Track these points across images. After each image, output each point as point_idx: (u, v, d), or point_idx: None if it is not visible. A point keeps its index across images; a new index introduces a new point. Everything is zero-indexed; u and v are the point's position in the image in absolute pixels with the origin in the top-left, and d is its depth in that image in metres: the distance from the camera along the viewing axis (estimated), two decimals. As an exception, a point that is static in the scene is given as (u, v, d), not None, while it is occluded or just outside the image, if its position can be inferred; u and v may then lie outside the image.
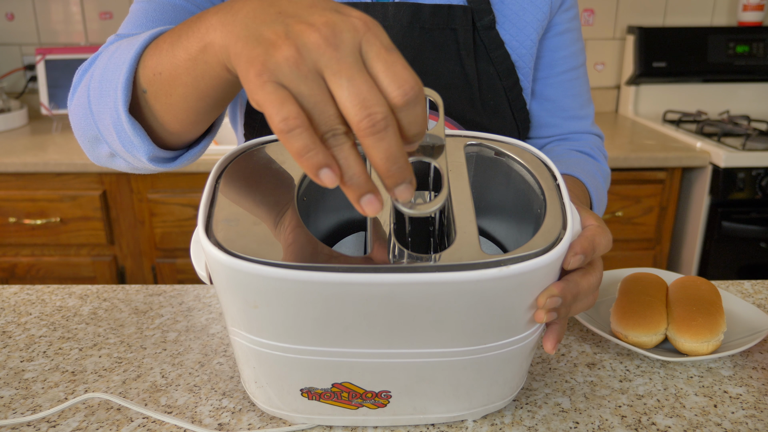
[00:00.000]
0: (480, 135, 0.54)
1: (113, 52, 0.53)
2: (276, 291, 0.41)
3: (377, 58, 0.35)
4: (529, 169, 0.50)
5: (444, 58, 0.74)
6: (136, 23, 0.64)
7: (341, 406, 0.51)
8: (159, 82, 0.48)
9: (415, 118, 0.35)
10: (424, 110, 0.35)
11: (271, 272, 0.39)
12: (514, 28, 0.76)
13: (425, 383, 0.49)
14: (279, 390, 0.51)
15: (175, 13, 0.65)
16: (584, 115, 0.86)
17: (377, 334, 0.44)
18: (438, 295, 0.41)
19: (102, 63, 0.54)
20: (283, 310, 0.42)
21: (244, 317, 0.45)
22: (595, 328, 0.67)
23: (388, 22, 0.72)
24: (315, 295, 0.41)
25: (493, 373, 0.50)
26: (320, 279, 0.39)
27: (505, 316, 0.45)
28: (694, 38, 2.07)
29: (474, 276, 0.40)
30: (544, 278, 0.44)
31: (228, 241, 0.41)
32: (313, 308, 0.42)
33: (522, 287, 0.43)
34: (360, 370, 0.48)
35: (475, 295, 0.42)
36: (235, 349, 0.51)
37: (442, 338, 0.45)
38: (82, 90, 0.56)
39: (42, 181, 1.68)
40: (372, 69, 0.35)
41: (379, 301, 0.41)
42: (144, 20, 0.64)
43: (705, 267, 1.75)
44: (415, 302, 0.41)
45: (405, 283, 0.40)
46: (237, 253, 0.40)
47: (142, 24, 0.64)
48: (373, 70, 0.35)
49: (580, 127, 0.86)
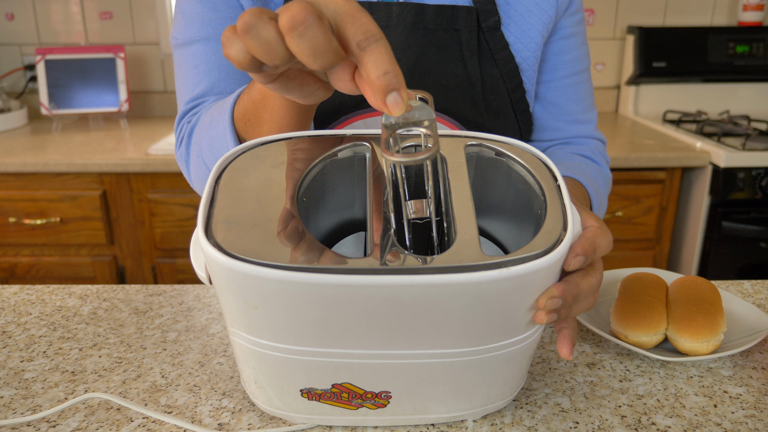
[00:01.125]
0: (480, 135, 0.54)
1: (210, 123, 0.64)
2: (276, 292, 0.41)
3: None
4: (530, 170, 0.50)
5: (447, 59, 0.74)
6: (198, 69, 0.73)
7: (341, 406, 0.51)
8: (251, 128, 0.59)
9: (379, 56, 0.38)
10: (388, 51, 0.38)
11: (271, 274, 0.39)
12: (519, 30, 0.76)
13: (425, 383, 0.49)
14: (279, 390, 0.51)
15: None
16: (587, 120, 0.86)
17: (378, 335, 0.44)
18: (438, 297, 0.41)
19: (205, 135, 0.65)
20: (283, 312, 0.42)
21: (243, 318, 0.45)
22: (595, 328, 0.67)
23: (391, 22, 0.72)
24: (315, 297, 0.40)
25: (493, 374, 0.50)
26: (320, 281, 0.39)
27: (506, 317, 0.45)
28: (694, 38, 2.07)
29: (474, 278, 0.40)
30: (545, 279, 0.44)
31: (227, 242, 0.41)
32: (313, 310, 0.42)
33: (522, 288, 0.43)
34: (360, 371, 0.47)
35: (475, 296, 0.42)
36: (235, 350, 0.51)
37: (442, 339, 0.45)
38: (197, 161, 0.68)
39: (42, 181, 1.68)
40: None
41: (380, 302, 0.41)
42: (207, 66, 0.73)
43: (705, 267, 1.75)
44: (415, 304, 0.41)
45: (405, 284, 0.40)
46: (236, 254, 0.40)
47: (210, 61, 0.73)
48: None
49: (583, 131, 0.86)
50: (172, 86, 2.22)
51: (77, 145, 1.78)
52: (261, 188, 0.47)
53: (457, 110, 0.74)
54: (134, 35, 2.17)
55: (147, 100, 2.22)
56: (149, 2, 2.14)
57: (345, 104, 0.73)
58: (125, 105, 2.05)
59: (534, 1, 0.76)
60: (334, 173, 0.53)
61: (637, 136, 1.87)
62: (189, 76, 0.73)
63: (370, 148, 0.52)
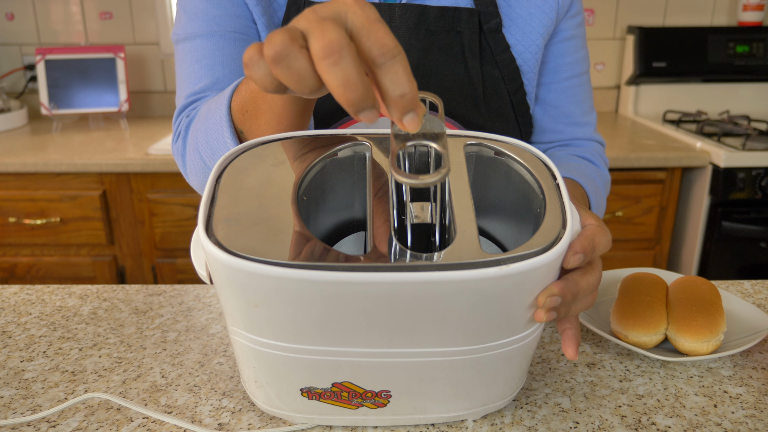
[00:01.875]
0: (480, 135, 0.54)
1: (206, 115, 0.63)
2: (276, 290, 0.41)
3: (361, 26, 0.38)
4: (529, 169, 0.50)
5: (448, 60, 0.74)
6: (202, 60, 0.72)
7: (341, 405, 0.51)
8: (248, 121, 0.58)
9: (395, 75, 0.37)
10: (405, 68, 0.37)
11: (271, 271, 0.39)
12: (520, 33, 0.76)
13: (425, 383, 0.49)
14: (279, 390, 0.51)
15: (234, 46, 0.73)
16: (586, 122, 0.86)
17: (378, 333, 0.44)
18: (438, 294, 0.41)
19: (201, 126, 0.63)
20: (284, 309, 0.42)
21: (244, 316, 0.45)
22: (595, 328, 0.67)
23: (394, 23, 0.73)
24: (315, 294, 0.41)
25: (493, 373, 0.50)
26: (321, 278, 0.39)
27: (505, 315, 0.45)
28: (694, 38, 2.07)
29: (474, 275, 0.40)
30: (544, 277, 0.44)
31: (228, 240, 0.41)
32: (313, 307, 0.42)
33: (522, 286, 0.43)
34: (360, 370, 0.47)
35: (474, 293, 0.42)
36: (235, 349, 0.51)
37: (442, 337, 0.45)
38: (193, 154, 0.66)
39: (42, 181, 1.68)
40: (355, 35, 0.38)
41: (380, 300, 0.41)
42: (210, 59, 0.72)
43: (705, 267, 1.75)
44: (415, 301, 0.41)
45: (405, 282, 0.40)
46: (237, 252, 0.40)
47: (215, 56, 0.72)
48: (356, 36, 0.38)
49: (582, 133, 0.86)
50: (172, 86, 2.22)
51: (77, 145, 1.78)
52: (262, 187, 0.47)
53: (458, 112, 0.74)
54: (134, 35, 2.17)
55: (147, 100, 2.22)
56: (149, 2, 2.14)
57: None
58: (125, 105, 2.06)
59: (535, 3, 0.76)
60: (334, 172, 0.53)
61: (637, 136, 1.87)
62: (191, 71, 0.73)
63: (370, 147, 0.52)
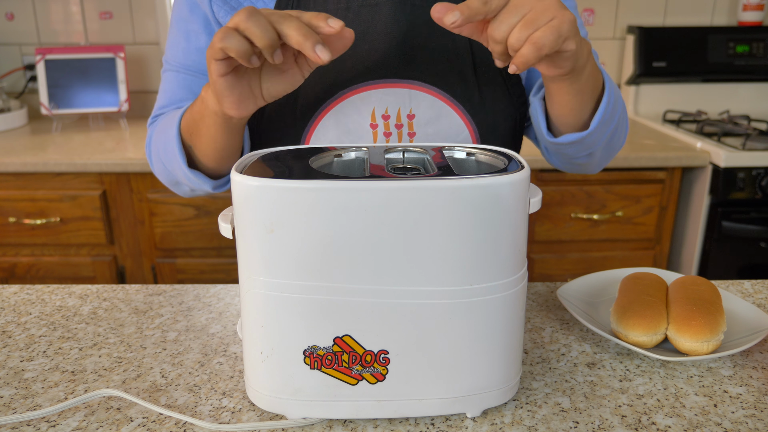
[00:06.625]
0: (469, 146, 0.60)
1: (164, 130, 0.75)
2: (289, 205, 0.49)
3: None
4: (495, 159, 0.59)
5: (435, 33, 0.74)
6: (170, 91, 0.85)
7: (342, 379, 0.53)
8: (192, 138, 0.71)
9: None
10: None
11: (284, 184, 0.49)
12: None
13: (422, 344, 0.53)
14: (281, 357, 0.53)
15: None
16: None
17: (374, 262, 0.50)
18: (426, 204, 0.49)
19: (160, 139, 0.76)
20: (295, 231, 0.49)
21: (259, 252, 0.51)
22: (595, 328, 0.67)
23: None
24: (323, 206, 0.49)
25: (487, 334, 0.53)
26: (328, 187, 0.48)
27: (490, 239, 0.51)
28: (694, 38, 2.07)
29: (455, 183, 0.49)
30: (514, 192, 0.51)
31: (253, 173, 0.51)
32: (320, 224, 0.49)
33: (497, 198, 0.50)
34: (360, 320, 0.52)
35: (457, 203, 0.49)
36: (245, 319, 0.54)
37: (433, 269, 0.51)
38: (156, 158, 0.79)
39: (42, 181, 1.68)
40: None
41: (377, 210, 0.49)
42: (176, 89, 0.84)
43: (705, 267, 1.75)
44: (406, 210, 0.49)
45: (398, 188, 0.49)
46: (258, 177, 0.50)
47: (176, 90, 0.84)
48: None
49: None
50: (172, 86, 2.22)
51: (77, 145, 1.78)
52: (284, 160, 0.57)
53: (448, 85, 0.74)
54: (134, 35, 2.17)
55: (147, 100, 2.22)
56: (149, 2, 2.14)
57: (338, 81, 0.73)
58: (125, 105, 2.06)
59: None
60: (339, 164, 0.61)
61: (637, 136, 1.87)
62: (162, 93, 0.84)
63: (367, 151, 0.60)
